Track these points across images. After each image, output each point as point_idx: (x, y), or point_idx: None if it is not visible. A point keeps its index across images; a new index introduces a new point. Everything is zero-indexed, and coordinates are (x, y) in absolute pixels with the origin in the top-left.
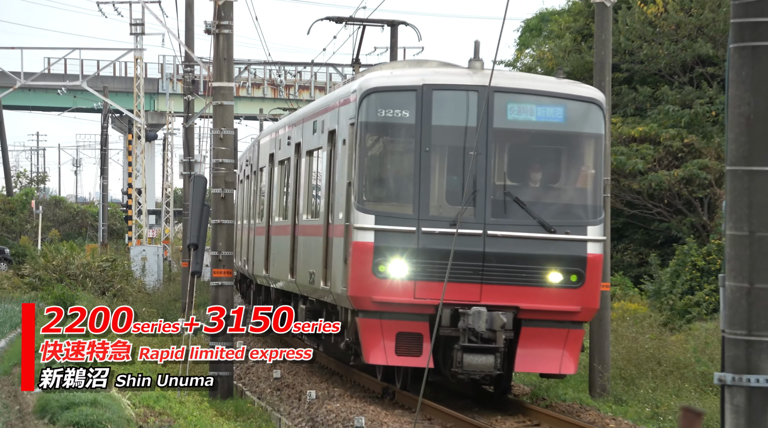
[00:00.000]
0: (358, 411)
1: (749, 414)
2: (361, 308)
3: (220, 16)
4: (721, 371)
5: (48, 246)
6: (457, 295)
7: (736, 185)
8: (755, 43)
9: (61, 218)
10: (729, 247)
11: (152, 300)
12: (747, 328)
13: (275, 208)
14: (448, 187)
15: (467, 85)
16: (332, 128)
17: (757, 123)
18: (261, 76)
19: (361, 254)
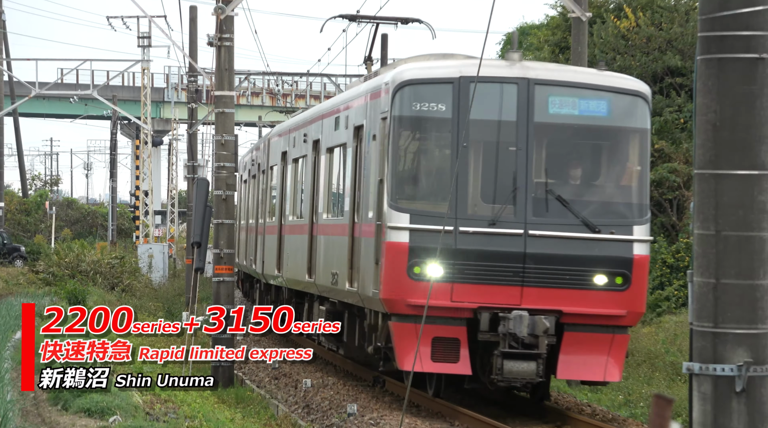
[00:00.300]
0: (350, 399)
1: (715, 400)
2: (394, 311)
3: (222, 29)
4: (690, 361)
5: (61, 244)
6: (497, 298)
7: (703, 187)
8: (721, 55)
9: (73, 218)
10: (697, 245)
11: (158, 295)
12: (713, 321)
13: (289, 206)
14: (487, 184)
15: (507, 77)
16: (359, 123)
17: (722, 130)
18: (260, 86)
19: (395, 255)
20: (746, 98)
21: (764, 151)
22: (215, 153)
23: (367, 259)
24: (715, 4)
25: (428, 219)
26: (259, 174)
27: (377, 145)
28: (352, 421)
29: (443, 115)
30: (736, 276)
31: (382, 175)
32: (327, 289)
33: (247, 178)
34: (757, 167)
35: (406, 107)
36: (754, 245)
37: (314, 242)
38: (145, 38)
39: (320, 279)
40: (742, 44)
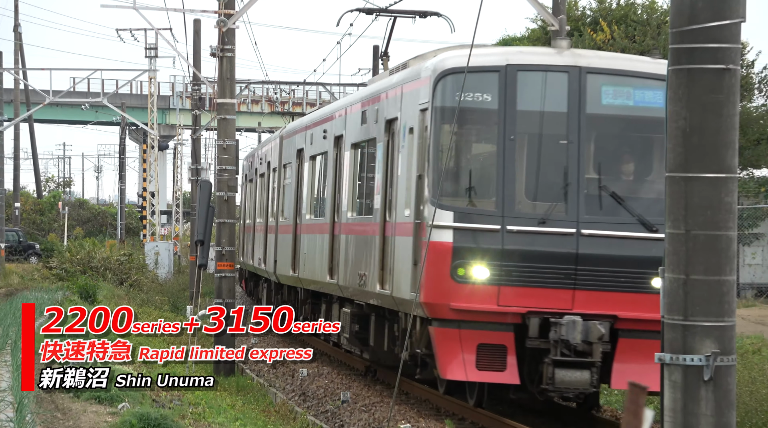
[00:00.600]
0: (344, 387)
1: (685, 388)
2: (436, 316)
3: (224, 41)
4: (661, 352)
5: (73, 242)
6: (547, 302)
7: (674, 189)
8: (690, 66)
9: (84, 218)
10: (668, 244)
11: (164, 290)
12: (683, 314)
13: (306, 205)
14: (536, 180)
15: (556, 65)
16: (392, 116)
17: (691, 135)
18: (259, 94)
19: (438, 256)
20: (714, 106)
21: (730, 156)
22: (217, 157)
23: (402, 260)
24: (685, 18)
25: (473, 217)
26: (269, 172)
27: (415, 139)
28: (346, 408)
29: (489, 106)
30: (704, 273)
31: (421, 170)
32: (352, 291)
33: (253, 177)
34: (723, 170)
35: (448, 98)
36: (721, 243)
37: (336, 242)
38: (152, 49)
39: (344, 281)
40: (709, 56)
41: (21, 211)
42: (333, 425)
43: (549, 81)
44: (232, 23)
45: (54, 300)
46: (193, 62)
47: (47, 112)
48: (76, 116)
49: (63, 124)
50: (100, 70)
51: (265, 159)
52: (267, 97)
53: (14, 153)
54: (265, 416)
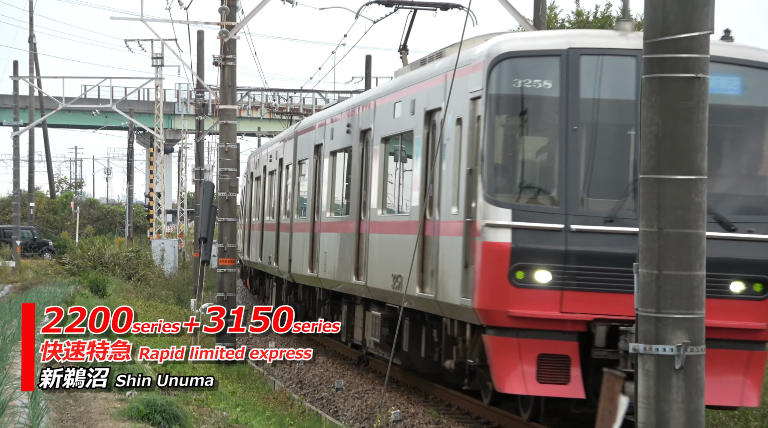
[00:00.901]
0: (338, 375)
1: (657, 376)
2: (492, 323)
3: (226, 51)
4: (635, 342)
5: (84, 239)
6: (615, 309)
7: (647, 190)
8: (662, 74)
9: (95, 216)
10: (642, 241)
11: (169, 284)
12: (656, 307)
13: (326, 203)
14: (602, 174)
15: (623, 48)
16: (433, 107)
17: (664, 140)
18: (259, 100)
19: (495, 258)
20: (685, 112)
21: (700, 159)
22: (219, 159)
23: (449, 262)
24: (658, 30)
25: (533, 215)
26: (281, 169)
27: (465, 130)
28: (340, 395)
29: (549, 93)
30: (675, 268)
31: (473, 164)
32: (385, 294)
33: (260, 175)
34: (694, 172)
35: (505, 84)
36: (692, 241)
37: (362, 241)
38: (159, 59)
39: (374, 282)
40: (681, 65)
41: (35, 210)
42: (328, 411)
43: (615, 66)
44: (234, 34)
45: (66, 294)
46: (197, 71)
47: (60, 118)
48: (87, 121)
49: (75, 129)
50: (110, 78)
51: (276, 156)
52: (266, 104)
53: (29, 156)
54: (265, 403)
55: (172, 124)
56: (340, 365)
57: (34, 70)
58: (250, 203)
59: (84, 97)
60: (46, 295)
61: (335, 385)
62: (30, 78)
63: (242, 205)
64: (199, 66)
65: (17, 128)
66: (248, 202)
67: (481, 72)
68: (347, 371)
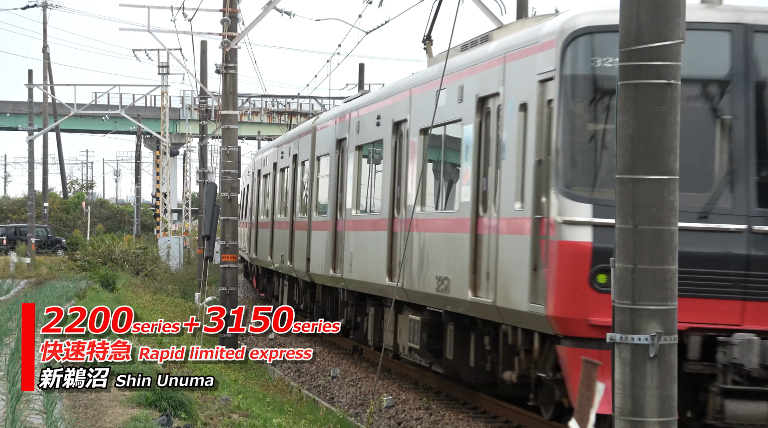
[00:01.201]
0: (333, 364)
1: (633, 364)
2: (569, 333)
3: (227, 60)
4: (612, 332)
5: (95, 237)
6: (710, 316)
7: (623, 189)
8: (637, 81)
9: (105, 215)
10: (618, 237)
11: (175, 279)
12: (631, 299)
13: (351, 200)
14: (694, 164)
15: (715, 22)
16: (488, 92)
17: (638, 142)
18: (259, 106)
19: (573, 259)
20: (658, 116)
21: (672, 160)
22: (222, 161)
23: (513, 263)
24: (632, 39)
25: None
26: (295, 166)
27: (531, 117)
28: (335, 383)
29: None
30: (650, 263)
31: (542, 154)
32: (424, 296)
33: (269, 173)
34: (666, 173)
35: (581, 63)
36: (665, 237)
37: (396, 240)
38: (164, 67)
39: (412, 284)
40: (654, 72)
41: (49, 209)
42: (324, 397)
43: (706, 42)
44: (235, 44)
45: (78, 289)
46: (200, 78)
47: (72, 123)
48: (98, 126)
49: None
50: (119, 86)
51: (288, 152)
52: (265, 109)
53: (43, 159)
54: (265, 390)
55: (177, 129)
56: (335, 355)
57: (47, 78)
58: (256, 201)
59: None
60: (60, 290)
61: (331, 374)
62: (44, 86)
63: (246, 203)
64: (203, 74)
65: (32, 133)
66: (254, 200)
67: (553, 50)
68: (342, 360)
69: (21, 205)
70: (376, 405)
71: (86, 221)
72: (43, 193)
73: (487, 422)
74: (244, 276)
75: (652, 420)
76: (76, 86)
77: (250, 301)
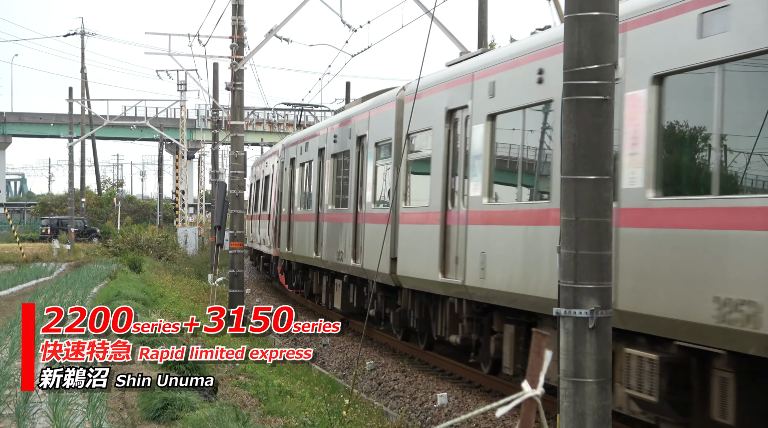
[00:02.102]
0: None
1: (575, 334)
2: None
3: (235, 78)
4: (558, 307)
5: (124, 227)
6: None
7: (566, 188)
8: (578, 97)
9: (132, 209)
10: (563, 228)
11: (191, 262)
12: (574, 279)
13: (482, 186)
14: None
15: None
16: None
17: (579, 148)
18: (262, 117)
19: None
20: (595, 127)
21: (608, 163)
22: (230, 164)
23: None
24: (574, 61)
25: None
26: (360, 150)
27: None
28: (326, 350)
29: None
30: (589, 249)
31: None
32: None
33: (311, 159)
34: (603, 174)
35: None
36: (601, 227)
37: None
38: (182, 85)
39: (627, 303)
40: (592, 89)
41: (86, 204)
42: (317, 362)
43: None
44: (242, 65)
45: (110, 270)
46: (213, 94)
47: (105, 132)
48: (127, 134)
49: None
50: (144, 101)
51: (351, 133)
52: (267, 120)
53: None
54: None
55: (193, 136)
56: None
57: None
58: (290, 191)
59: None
60: (95, 271)
61: (322, 342)
62: (81, 100)
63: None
64: (215, 90)
65: (72, 140)
66: (286, 190)
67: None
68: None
69: (62, 200)
70: (361, 368)
71: (117, 214)
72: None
73: (453, 382)
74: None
75: (590, 380)
76: (109, 101)
77: (254, 282)
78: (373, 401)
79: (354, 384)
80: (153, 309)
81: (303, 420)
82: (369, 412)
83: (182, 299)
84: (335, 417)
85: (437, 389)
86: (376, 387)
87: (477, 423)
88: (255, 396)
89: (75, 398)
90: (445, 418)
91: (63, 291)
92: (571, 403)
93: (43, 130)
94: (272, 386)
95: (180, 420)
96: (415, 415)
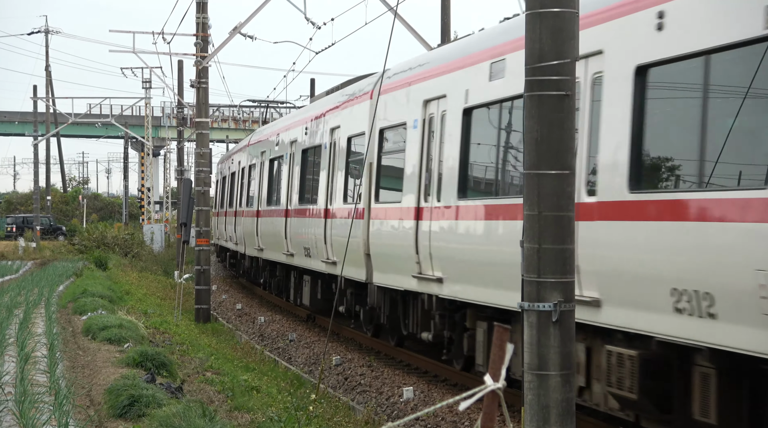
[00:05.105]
0: (291, 330)
1: (538, 327)
2: None
3: (200, 76)
4: (522, 301)
5: (90, 225)
6: None
7: (529, 182)
8: (540, 92)
9: (98, 207)
10: (526, 222)
11: (157, 260)
12: (537, 273)
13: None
14: None
15: None
16: None
17: (542, 143)
18: (227, 114)
19: None
20: (557, 122)
21: (570, 158)
22: (196, 161)
23: None
24: (536, 58)
25: None
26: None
27: None
28: (292, 345)
29: None
30: (552, 243)
31: None
32: None
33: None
34: (565, 168)
35: None
36: (564, 221)
37: None
38: (147, 82)
39: None
40: (554, 85)
41: (51, 202)
42: (283, 357)
43: None
44: (206, 63)
45: (76, 268)
46: (178, 91)
47: (70, 129)
48: (92, 132)
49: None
50: (109, 98)
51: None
52: (232, 117)
53: (46, 159)
54: (233, 351)
55: (159, 134)
56: (292, 321)
57: (49, 92)
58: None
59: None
60: (61, 269)
61: (289, 337)
62: (46, 98)
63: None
64: (179, 88)
65: (37, 138)
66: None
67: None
68: (298, 326)
69: (28, 198)
70: (327, 363)
71: (83, 211)
72: (46, 188)
73: (419, 376)
74: (216, 256)
75: (554, 373)
76: (74, 99)
77: (221, 279)
78: (340, 396)
79: (320, 379)
80: (119, 307)
81: (270, 415)
82: (335, 407)
83: (148, 296)
84: (302, 413)
85: (403, 383)
86: (343, 382)
87: (443, 417)
88: (222, 392)
89: (41, 396)
90: (411, 412)
91: (29, 289)
92: (535, 396)
93: (7, 128)
94: (239, 382)
95: (147, 417)
96: (381, 409)
